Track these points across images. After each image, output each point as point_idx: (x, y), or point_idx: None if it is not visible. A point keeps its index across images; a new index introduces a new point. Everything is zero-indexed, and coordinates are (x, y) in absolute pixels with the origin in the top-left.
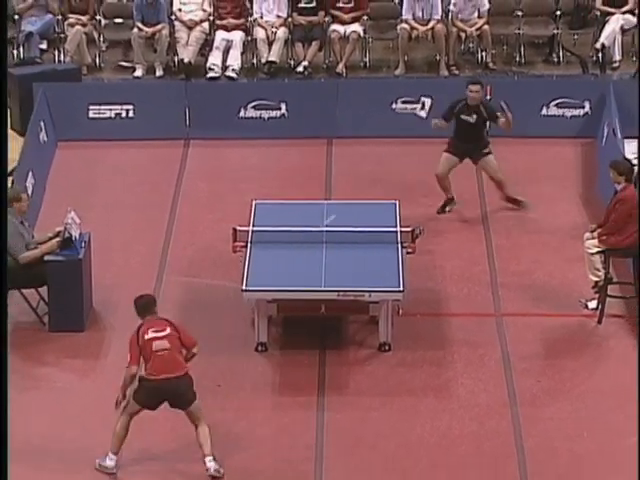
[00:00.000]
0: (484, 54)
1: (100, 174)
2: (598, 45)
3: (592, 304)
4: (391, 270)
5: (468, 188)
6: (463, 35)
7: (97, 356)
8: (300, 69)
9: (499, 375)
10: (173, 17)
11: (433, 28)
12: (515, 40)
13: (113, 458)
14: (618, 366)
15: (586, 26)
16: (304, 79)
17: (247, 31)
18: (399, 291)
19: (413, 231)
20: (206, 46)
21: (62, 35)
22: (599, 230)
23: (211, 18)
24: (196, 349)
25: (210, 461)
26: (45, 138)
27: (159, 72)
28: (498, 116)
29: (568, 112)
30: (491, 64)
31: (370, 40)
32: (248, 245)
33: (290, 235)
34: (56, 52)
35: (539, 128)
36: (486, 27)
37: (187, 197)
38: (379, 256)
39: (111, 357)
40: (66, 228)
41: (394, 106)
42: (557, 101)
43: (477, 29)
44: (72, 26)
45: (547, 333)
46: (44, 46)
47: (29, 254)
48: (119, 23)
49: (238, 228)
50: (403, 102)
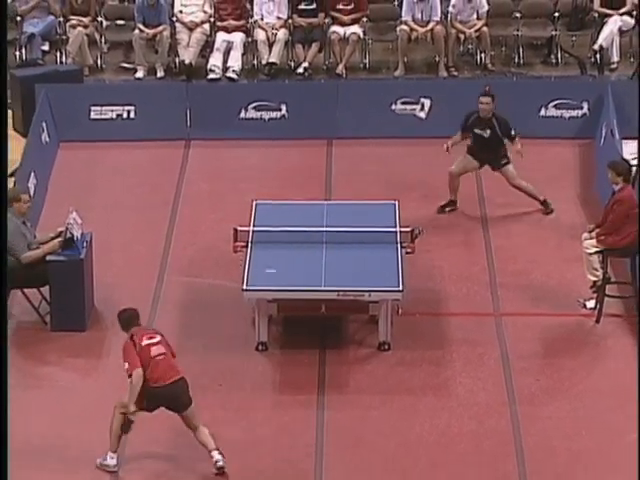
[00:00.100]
0: (483, 55)
1: (101, 174)
2: (596, 46)
3: (590, 303)
4: (391, 270)
5: (467, 188)
6: (462, 36)
7: (99, 355)
8: (300, 70)
9: (498, 374)
10: (174, 19)
11: (432, 29)
12: (514, 41)
13: (114, 457)
14: (616, 365)
15: (584, 27)
16: (304, 80)
17: (248, 32)
18: (398, 291)
19: (412, 231)
20: (207, 47)
21: (64, 37)
22: (597, 230)
23: (212, 20)
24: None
25: (217, 454)
26: (47, 139)
27: (160, 73)
28: (512, 135)
29: (566, 113)
30: (490, 65)
31: (370, 41)
32: (249, 245)
33: (290, 235)
34: (58, 53)
35: (538, 129)
36: (485, 29)
37: (188, 197)
38: (379, 256)
39: (112, 356)
40: (68, 228)
41: (394, 107)
42: (555, 102)
43: (476, 30)
44: (74, 28)
45: (546, 332)
46: (46, 47)
47: (31, 254)
48: (120, 25)
49: (239, 228)
50: (403, 103)
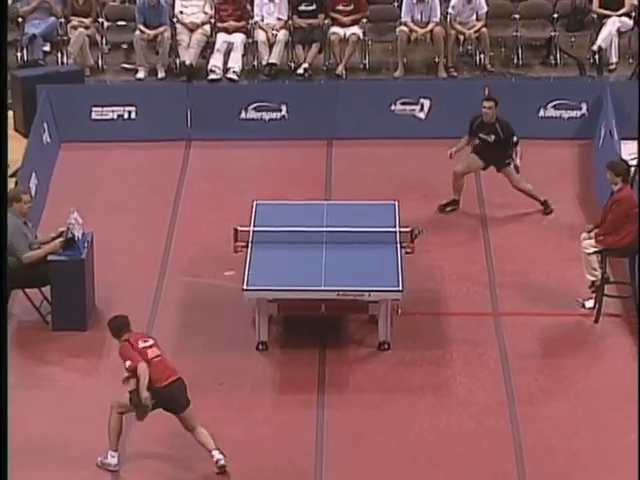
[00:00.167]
0: (482, 56)
1: (102, 175)
2: (595, 47)
3: (589, 303)
4: (390, 270)
5: (467, 189)
6: (461, 37)
7: (99, 355)
8: (300, 71)
9: (497, 374)
10: (175, 20)
11: (432, 30)
12: (513, 42)
13: (115, 455)
14: (615, 365)
15: (583, 28)
16: (304, 81)
17: (248, 33)
18: (398, 291)
19: (412, 231)
20: (207, 48)
21: (65, 37)
22: (596, 230)
23: (212, 21)
24: None
25: (218, 454)
26: (48, 139)
27: (161, 74)
28: (514, 142)
29: (565, 114)
30: (489, 66)
31: (369, 42)
32: (249, 245)
33: (290, 235)
34: (59, 54)
35: (537, 129)
36: (484, 30)
37: (189, 197)
38: (379, 256)
39: (113, 356)
40: (69, 228)
41: (393, 107)
42: (554, 103)
43: (475, 31)
44: (75, 29)
45: (545, 332)
46: (47, 48)
47: (32, 254)
48: (121, 25)
49: (239, 228)
50: (402, 103)
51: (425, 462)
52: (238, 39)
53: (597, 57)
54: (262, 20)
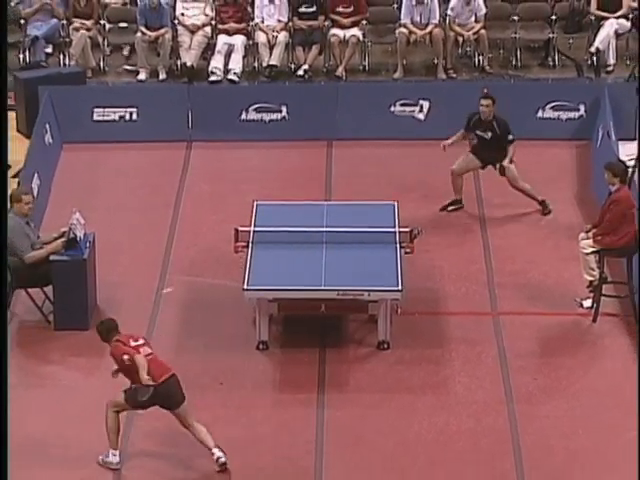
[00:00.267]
0: (481, 58)
1: (104, 175)
2: (593, 49)
3: (587, 303)
4: (390, 270)
5: (465, 189)
6: (460, 39)
7: (101, 354)
8: (300, 72)
9: (496, 373)
10: (176, 21)
11: (431, 32)
12: (511, 44)
13: (116, 454)
14: (613, 364)
15: (581, 30)
16: (304, 82)
17: (248, 35)
18: (398, 290)
19: (412, 231)
20: (208, 50)
21: (67, 39)
22: (594, 230)
23: (213, 22)
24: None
25: (218, 451)
26: (50, 140)
27: (162, 75)
28: (509, 140)
29: (563, 115)
30: (488, 67)
31: (369, 44)
32: (249, 245)
33: (291, 235)
34: (61, 56)
35: (535, 130)
36: (483, 31)
37: (189, 198)
38: (378, 256)
39: None
40: (71, 229)
41: (393, 109)
42: (553, 104)
43: (474, 33)
44: (77, 30)
45: (543, 331)
46: (49, 50)
47: (34, 254)
48: (123, 27)
49: (240, 228)
50: (402, 105)
51: (424, 461)
52: (239, 41)
53: (595, 59)
54: (262, 22)
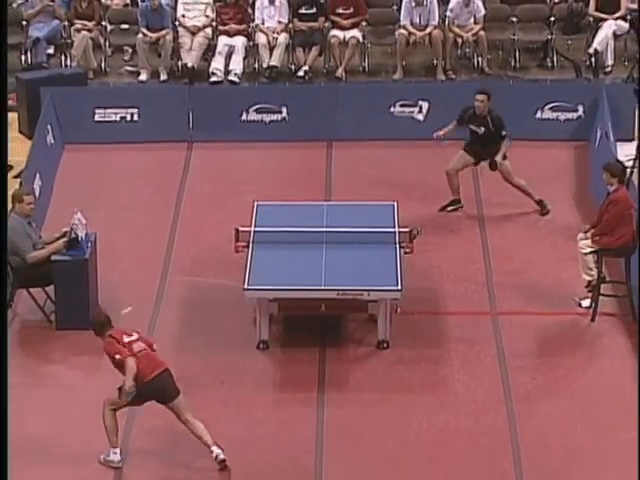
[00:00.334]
0: (480, 59)
1: (105, 176)
2: (591, 50)
3: (585, 302)
4: (389, 270)
5: (464, 188)
6: (460, 40)
7: (103, 354)
8: (301, 73)
9: (495, 372)
10: (177, 23)
11: (430, 34)
12: (510, 45)
13: (117, 452)
14: (611, 363)
15: (579, 32)
16: (304, 83)
17: (249, 36)
18: (397, 290)
19: (411, 231)
20: (209, 51)
21: (69, 40)
22: (592, 230)
23: (214, 24)
24: (155, 346)
25: (217, 449)
26: (52, 141)
27: (163, 76)
28: (502, 136)
29: (562, 115)
30: (487, 69)
31: (369, 45)
32: (250, 245)
33: (291, 235)
34: (63, 57)
35: (534, 131)
36: (482, 33)
37: (190, 198)
38: (378, 256)
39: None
40: (72, 229)
41: (392, 110)
42: (551, 105)
43: (473, 35)
44: (78, 32)
45: (541, 331)
46: (51, 51)
47: (36, 254)
48: (124, 29)
49: (240, 229)
50: (401, 106)
51: (424, 460)
52: (239, 42)
53: (593, 60)
54: (263, 23)
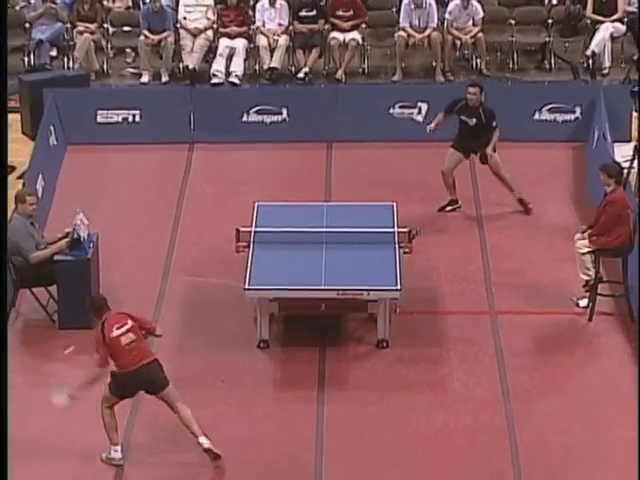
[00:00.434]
0: (478, 61)
1: (107, 176)
2: (588, 52)
3: (583, 302)
4: (389, 269)
5: (463, 188)
6: (458, 42)
7: None
8: (301, 75)
9: (493, 371)
10: (178, 25)
11: (429, 36)
12: (508, 47)
13: (118, 449)
14: (608, 362)
15: (577, 34)
16: (305, 85)
17: (250, 38)
18: (396, 290)
19: (410, 232)
20: (210, 53)
21: (71, 43)
22: (589, 231)
23: (215, 26)
24: (159, 330)
25: (204, 439)
26: (55, 142)
27: (165, 78)
28: (493, 127)
29: (560, 117)
30: (485, 70)
31: (368, 47)
32: (250, 245)
33: (291, 236)
34: (65, 59)
35: (532, 132)
36: (480, 35)
37: (192, 199)
38: (377, 256)
39: None
40: (75, 229)
41: (392, 111)
42: (549, 106)
43: (472, 37)
44: (81, 34)
45: (539, 330)
46: (54, 53)
47: (39, 254)
48: (126, 31)
49: (241, 229)
50: (400, 107)
51: (422, 458)
52: (240, 44)
53: (590, 62)
54: (263, 25)
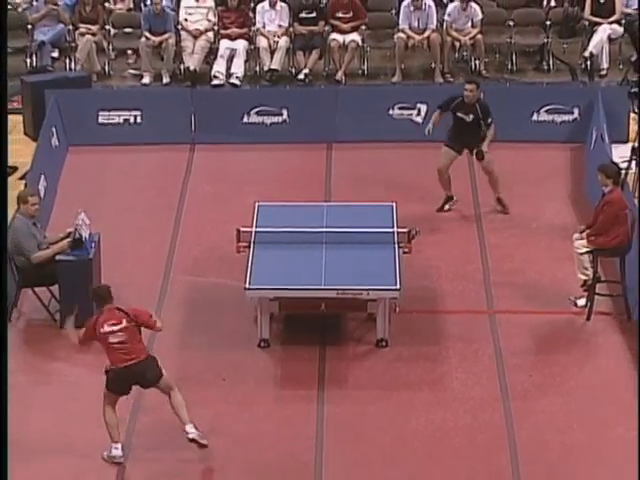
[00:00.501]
0: (477, 62)
1: (109, 177)
2: (586, 53)
3: (581, 302)
4: (388, 269)
5: (462, 188)
6: (457, 44)
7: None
8: (301, 76)
9: (492, 370)
10: (179, 27)
11: (428, 37)
12: (507, 49)
13: (118, 447)
14: (606, 361)
15: (575, 35)
16: (305, 86)
17: (250, 40)
18: (396, 289)
19: (410, 232)
20: (211, 54)
21: (73, 44)
22: (588, 231)
23: (216, 28)
24: (159, 323)
25: (190, 428)
26: (56, 143)
27: (166, 79)
28: (488, 123)
29: (558, 118)
30: (484, 72)
31: (368, 49)
32: (251, 245)
33: (291, 236)
34: (67, 60)
35: (530, 133)
36: (479, 36)
37: (193, 200)
38: (377, 256)
39: None
40: (76, 229)
41: (391, 112)
42: (547, 107)
43: (471, 38)
44: (82, 35)
45: (538, 330)
46: (56, 54)
47: (41, 254)
48: (128, 32)
49: (241, 229)
50: (400, 108)
51: (422, 456)
52: (241, 45)
53: (589, 63)
54: (264, 27)
